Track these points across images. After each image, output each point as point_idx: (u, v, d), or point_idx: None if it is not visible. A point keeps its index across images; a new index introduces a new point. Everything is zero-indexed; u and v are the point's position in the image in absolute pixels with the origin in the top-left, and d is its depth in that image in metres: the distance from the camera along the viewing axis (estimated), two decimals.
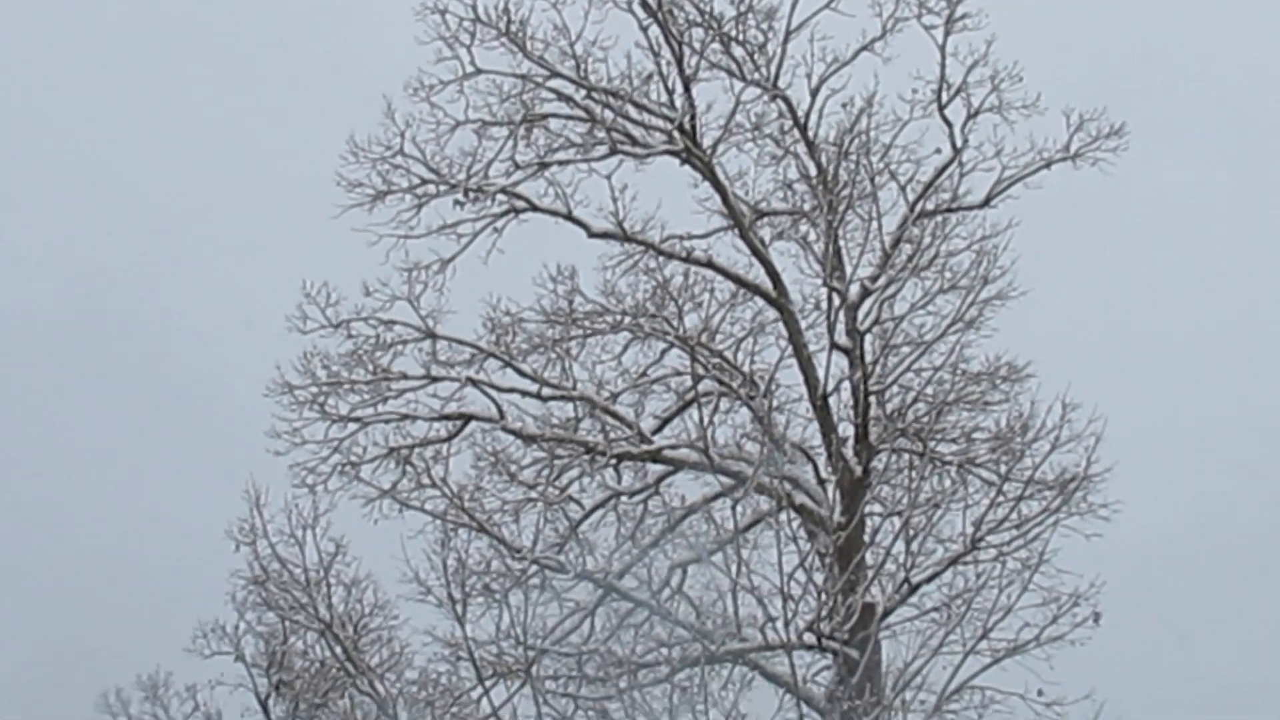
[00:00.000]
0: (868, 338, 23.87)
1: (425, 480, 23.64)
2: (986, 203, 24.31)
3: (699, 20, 23.36)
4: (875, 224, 24.15)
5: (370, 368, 23.95)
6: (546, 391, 24.19)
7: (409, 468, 23.78)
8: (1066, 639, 21.55)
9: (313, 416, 23.82)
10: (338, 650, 22.88)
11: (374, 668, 23.10)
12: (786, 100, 23.88)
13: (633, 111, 23.62)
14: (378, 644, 24.59)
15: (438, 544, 22.23)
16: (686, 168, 23.80)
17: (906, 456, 24.05)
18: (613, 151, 23.54)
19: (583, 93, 23.55)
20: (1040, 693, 21.55)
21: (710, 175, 23.78)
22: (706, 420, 23.73)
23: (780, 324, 24.17)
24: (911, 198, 24.26)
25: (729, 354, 24.57)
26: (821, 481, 23.60)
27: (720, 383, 24.29)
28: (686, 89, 23.42)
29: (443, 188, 23.53)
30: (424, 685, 25.78)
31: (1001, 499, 22.92)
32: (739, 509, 22.18)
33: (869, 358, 23.80)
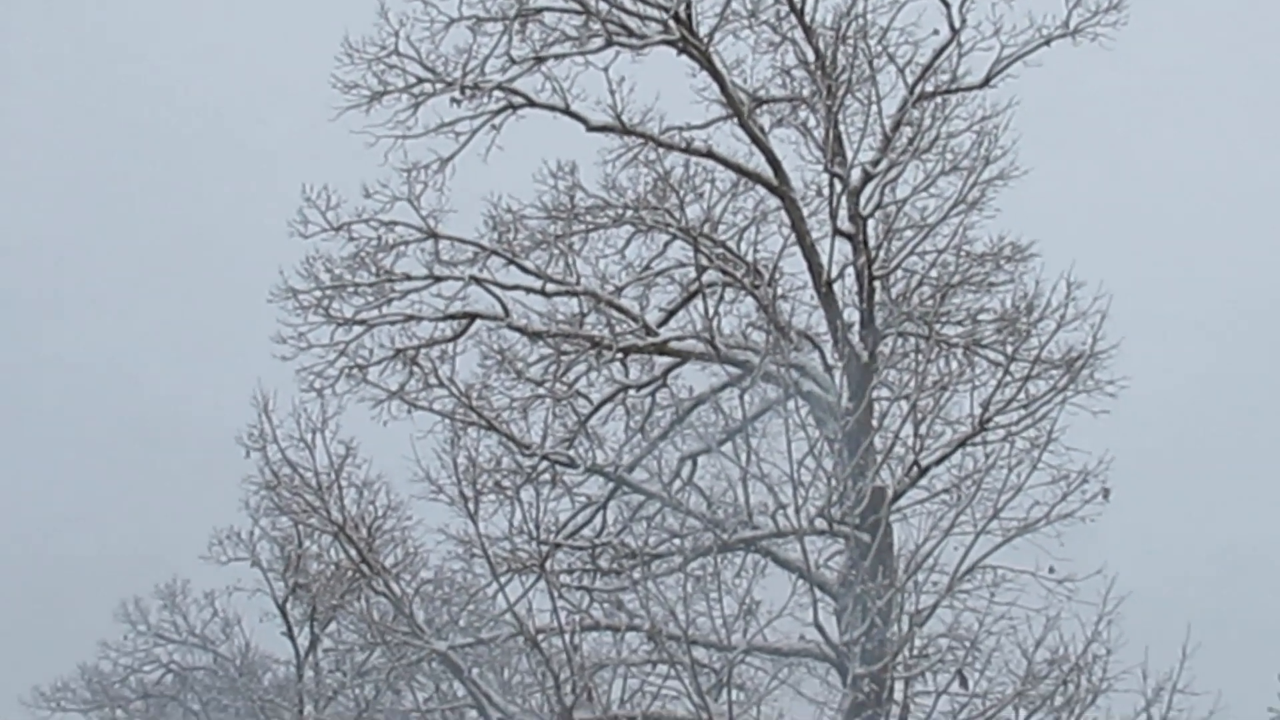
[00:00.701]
0: (870, 222, 23.77)
1: (433, 380, 23.69)
2: (986, 83, 24.09)
3: None
4: (875, 108, 23.98)
5: (373, 269, 23.91)
6: (550, 288, 24.16)
7: (416, 368, 23.80)
8: (1076, 516, 21.69)
9: (318, 320, 23.84)
10: (352, 552, 22.96)
11: (389, 568, 23.18)
12: None
13: (627, 2, 23.40)
14: (392, 544, 24.69)
15: (447, 443, 22.36)
16: (684, 57, 23.60)
17: (913, 340, 24.06)
18: (609, 43, 23.34)
19: None
20: (1051, 570, 21.69)
21: (708, 64, 23.60)
22: (712, 311, 23.73)
23: (782, 212, 24.08)
24: (910, 80, 24.05)
25: (732, 244, 24.51)
26: (828, 368, 23.61)
27: (724, 273, 24.25)
28: None
29: (439, 86, 23.38)
30: (439, 584, 25.95)
31: (1009, 379, 22.93)
32: (747, 398, 22.20)
33: (872, 242, 23.73)
